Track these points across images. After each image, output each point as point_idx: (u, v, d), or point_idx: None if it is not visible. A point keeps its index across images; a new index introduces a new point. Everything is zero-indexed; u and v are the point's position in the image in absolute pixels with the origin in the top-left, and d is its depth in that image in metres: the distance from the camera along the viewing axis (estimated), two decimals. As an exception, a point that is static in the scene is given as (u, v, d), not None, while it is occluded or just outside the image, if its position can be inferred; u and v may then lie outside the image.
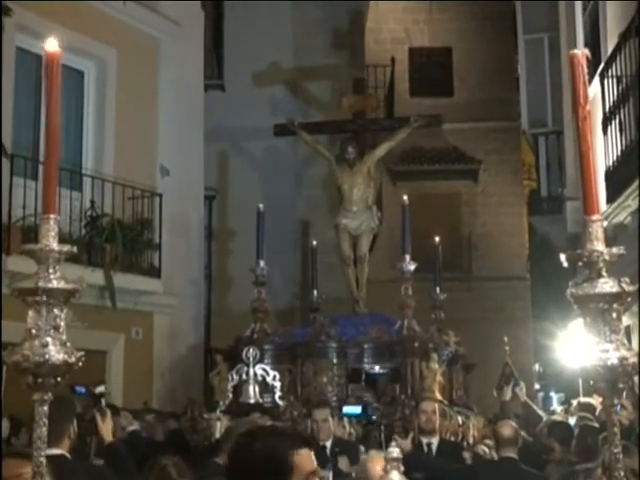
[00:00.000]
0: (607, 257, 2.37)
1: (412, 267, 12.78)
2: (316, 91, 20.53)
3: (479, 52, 25.17)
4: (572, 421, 10.67)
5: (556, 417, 12.23)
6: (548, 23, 18.03)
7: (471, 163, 25.22)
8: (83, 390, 6.81)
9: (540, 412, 13.33)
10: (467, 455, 9.30)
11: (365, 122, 15.53)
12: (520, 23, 19.46)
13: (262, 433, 3.29)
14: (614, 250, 2.38)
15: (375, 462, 4.94)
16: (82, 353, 2.42)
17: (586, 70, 2.47)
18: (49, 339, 2.35)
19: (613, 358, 2.32)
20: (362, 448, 8.65)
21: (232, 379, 11.52)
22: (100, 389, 6.77)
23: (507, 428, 7.82)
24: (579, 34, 15.55)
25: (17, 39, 13.25)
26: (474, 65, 25.24)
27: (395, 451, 4.42)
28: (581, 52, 2.46)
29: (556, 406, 19.64)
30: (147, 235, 14.36)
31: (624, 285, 2.35)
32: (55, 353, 2.34)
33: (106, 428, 6.41)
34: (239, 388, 11.39)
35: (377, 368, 12.38)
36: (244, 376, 11.36)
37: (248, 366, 11.33)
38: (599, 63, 13.50)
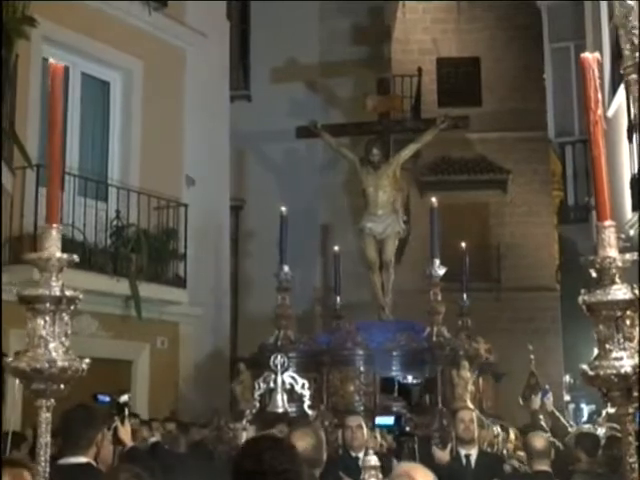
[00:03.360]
0: (620, 263, 2.33)
1: (441, 271, 12.53)
2: (340, 94, 20.49)
3: (507, 62, 25.16)
4: (601, 432, 10.57)
5: (584, 428, 12.15)
6: (574, 31, 17.95)
7: (500, 173, 25.18)
8: (107, 399, 6.80)
9: (565, 422, 13.23)
10: (508, 467, 8.97)
11: (390, 123, 15.20)
12: (546, 32, 19.36)
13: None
14: (627, 256, 2.34)
15: (416, 472, 4.86)
16: (87, 360, 2.42)
17: (597, 74, 2.43)
18: (52, 346, 2.37)
19: (627, 366, 2.28)
20: (394, 460, 8.36)
21: (259, 387, 11.33)
22: (124, 398, 6.75)
23: (539, 440, 7.56)
24: (605, 42, 15.47)
25: (44, 51, 13.32)
26: (502, 75, 25.23)
27: (372, 459, 4.33)
28: (592, 56, 2.43)
29: (585, 418, 19.52)
30: (173, 245, 14.38)
31: (637, 292, 2.31)
32: (57, 360, 2.36)
33: (126, 433, 6.42)
34: (265, 397, 11.25)
35: (410, 378, 12.06)
36: (271, 384, 11.19)
37: (276, 374, 11.15)
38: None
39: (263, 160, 20.37)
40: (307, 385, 11.26)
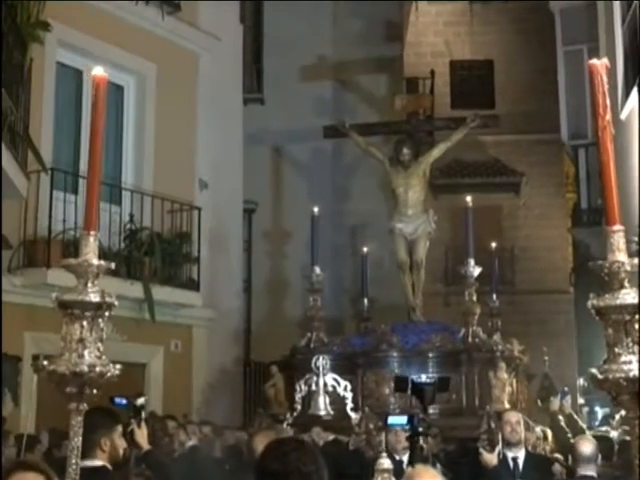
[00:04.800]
0: (628, 268, 2.34)
1: (477, 271, 12.47)
2: (358, 94, 20.49)
3: (521, 64, 25.09)
4: (615, 435, 10.55)
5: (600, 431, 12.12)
6: (587, 34, 17.90)
7: (513, 176, 25.11)
8: (124, 402, 6.81)
9: (582, 425, 13.19)
10: (557, 470, 8.78)
11: (419, 123, 15.08)
12: (559, 34, 19.33)
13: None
14: (636, 261, 2.35)
15: (422, 476, 4.82)
16: (119, 366, 2.47)
17: (606, 79, 2.45)
18: (86, 351, 2.43)
19: (636, 370, 2.29)
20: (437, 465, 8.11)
21: (300, 390, 11.20)
22: (141, 401, 6.77)
23: (587, 445, 7.37)
24: (618, 44, 15.43)
25: (58, 54, 13.38)
26: (516, 77, 25.16)
27: (385, 462, 4.32)
28: (600, 62, 2.45)
29: (599, 421, 19.43)
30: (186, 248, 14.39)
31: (646, 296, 2.32)
32: (91, 365, 2.41)
33: (142, 436, 6.43)
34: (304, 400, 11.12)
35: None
36: (313, 386, 11.06)
37: (317, 376, 11.01)
38: (638, 73, 13.39)
39: (281, 161, 20.39)
40: (350, 387, 11.14)
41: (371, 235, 17.08)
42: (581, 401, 24.67)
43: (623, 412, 10.91)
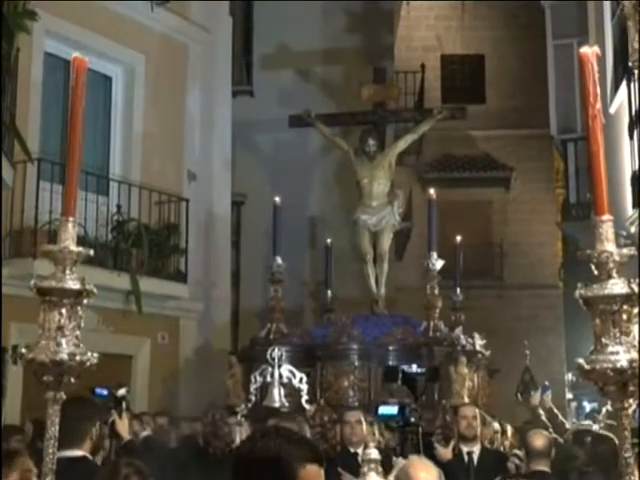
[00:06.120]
0: (617, 258, 2.32)
1: (439, 265, 12.39)
2: (340, 85, 20.39)
3: (512, 59, 25.18)
4: (596, 428, 10.57)
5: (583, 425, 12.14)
6: (577, 28, 17.95)
7: (503, 171, 25.22)
8: (104, 392, 6.82)
9: (563, 419, 13.22)
10: (512, 465, 8.57)
11: (386, 113, 14.87)
12: (549, 29, 19.38)
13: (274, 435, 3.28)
14: (624, 251, 2.33)
15: (417, 468, 4.75)
16: (97, 355, 2.44)
17: (596, 68, 2.43)
18: (64, 339, 2.40)
19: (623, 360, 2.27)
20: (394, 457, 8.05)
21: (255, 381, 11.14)
22: (122, 392, 6.78)
23: (540, 439, 7.35)
24: (608, 39, 15.48)
25: (46, 44, 13.32)
26: (507, 72, 25.25)
27: (373, 452, 4.27)
28: (591, 51, 2.42)
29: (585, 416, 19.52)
30: (174, 240, 14.34)
31: (634, 286, 2.30)
32: (71, 353, 2.39)
33: (123, 427, 6.43)
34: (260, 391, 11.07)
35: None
36: (268, 378, 11.02)
37: (273, 367, 10.97)
38: (627, 67, 13.42)
39: (260, 152, 20.29)
40: (305, 379, 11.09)
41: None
42: (569, 396, 24.78)
43: (609, 406, 10.92)
